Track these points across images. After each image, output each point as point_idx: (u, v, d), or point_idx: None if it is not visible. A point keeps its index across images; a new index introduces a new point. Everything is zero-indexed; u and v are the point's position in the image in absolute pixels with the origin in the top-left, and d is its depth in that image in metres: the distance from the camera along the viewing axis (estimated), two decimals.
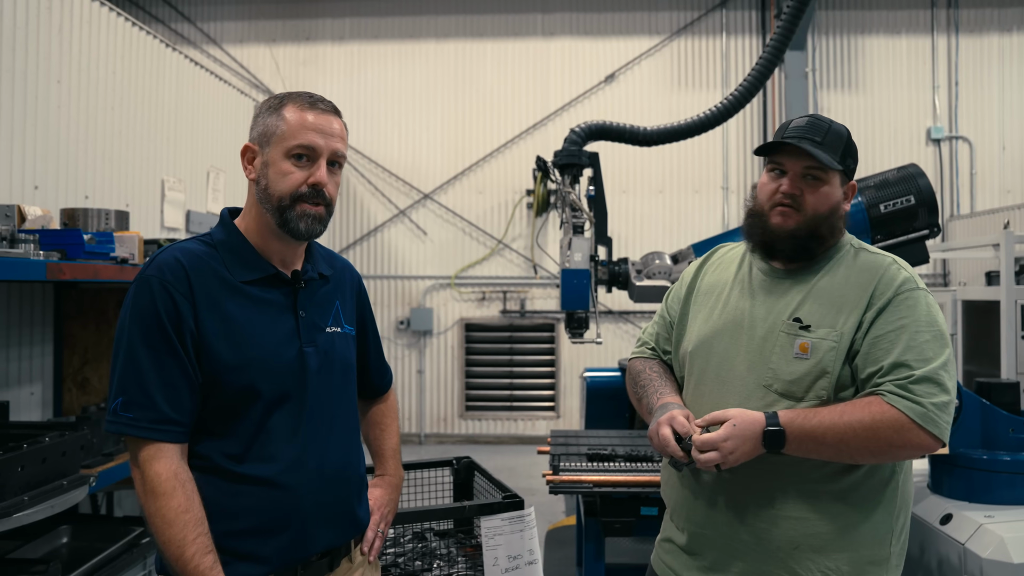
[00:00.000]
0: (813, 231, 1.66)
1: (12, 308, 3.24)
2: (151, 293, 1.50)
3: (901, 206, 3.12)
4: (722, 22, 8.49)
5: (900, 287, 1.61)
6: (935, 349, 1.56)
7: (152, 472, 1.45)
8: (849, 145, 1.71)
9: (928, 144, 8.32)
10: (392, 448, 1.98)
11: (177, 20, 8.74)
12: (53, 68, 3.51)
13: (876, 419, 1.51)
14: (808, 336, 1.61)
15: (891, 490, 1.63)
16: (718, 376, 1.71)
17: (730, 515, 1.66)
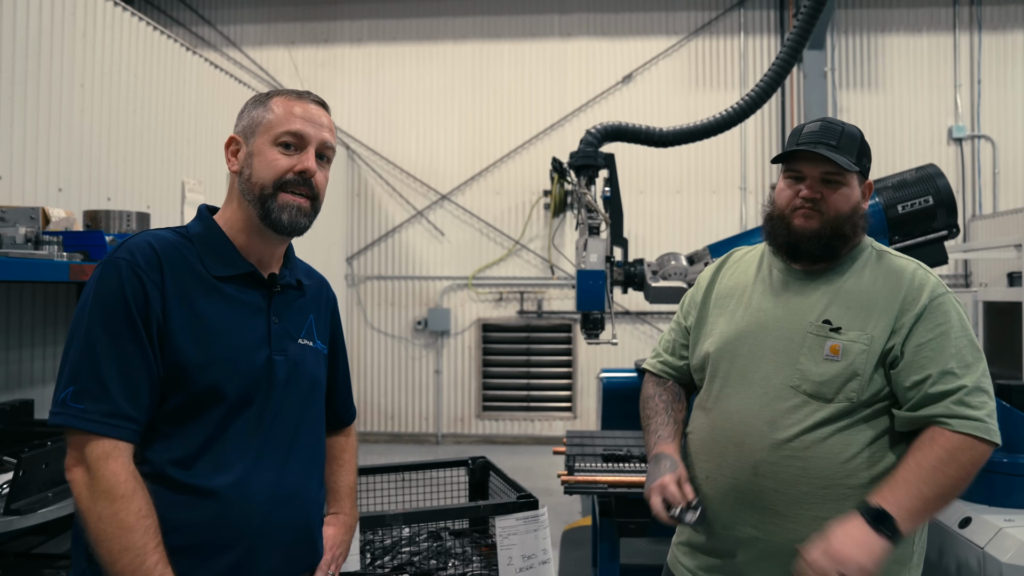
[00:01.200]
0: (837, 231, 1.68)
1: (36, 308, 3.30)
2: (119, 276, 1.38)
3: (919, 207, 3.10)
4: (740, 22, 8.45)
5: (933, 293, 1.63)
6: (974, 354, 1.61)
7: (108, 471, 1.31)
8: (863, 145, 1.73)
9: (950, 143, 8.24)
10: (348, 486, 1.80)
11: (198, 23, 8.84)
12: (77, 72, 3.57)
13: (950, 450, 1.54)
14: (839, 338, 1.62)
15: None
16: (743, 378, 1.71)
17: (758, 516, 1.66)
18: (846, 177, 1.69)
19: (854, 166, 1.68)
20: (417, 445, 8.35)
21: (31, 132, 3.26)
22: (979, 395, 1.57)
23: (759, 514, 1.65)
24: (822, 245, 1.69)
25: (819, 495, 1.60)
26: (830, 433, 1.60)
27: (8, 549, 2.53)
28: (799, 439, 1.61)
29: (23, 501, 2.08)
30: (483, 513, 2.53)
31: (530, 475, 6.10)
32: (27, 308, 3.25)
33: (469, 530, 2.68)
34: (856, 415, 1.61)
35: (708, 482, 1.74)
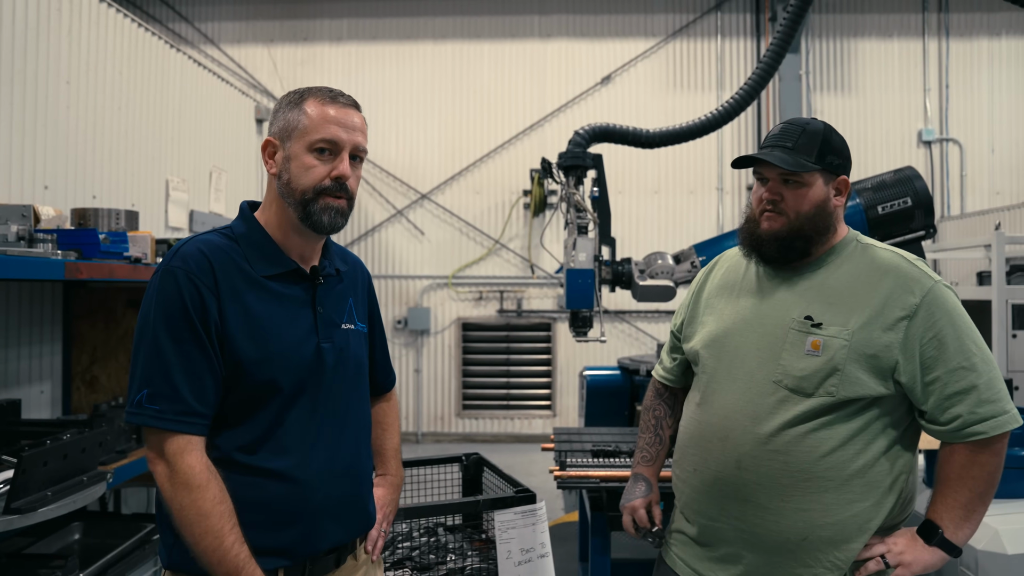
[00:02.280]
0: (797, 231, 1.71)
1: (23, 307, 3.27)
2: (177, 284, 1.49)
3: (898, 208, 3.19)
4: (717, 25, 8.56)
5: (923, 288, 1.64)
6: (975, 340, 1.64)
7: (185, 465, 1.44)
8: (827, 142, 1.73)
9: (919, 146, 8.43)
10: (394, 448, 1.96)
11: (175, 20, 8.75)
12: (63, 69, 3.54)
13: (969, 456, 1.62)
14: (820, 334, 1.65)
15: (898, 482, 1.68)
16: (729, 373, 1.75)
17: (740, 508, 1.70)
18: (804, 177, 1.70)
19: (810, 164, 1.70)
20: None
21: (17, 129, 3.23)
22: (992, 387, 1.61)
23: (742, 506, 1.69)
24: (782, 247, 1.72)
25: (800, 488, 1.64)
26: (812, 428, 1.63)
27: (0, 550, 2.52)
28: (780, 434, 1.65)
29: (23, 500, 2.07)
30: (482, 508, 2.56)
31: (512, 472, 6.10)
32: (14, 307, 3.22)
33: (463, 525, 2.71)
34: (839, 411, 1.63)
35: (695, 475, 1.78)
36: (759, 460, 1.66)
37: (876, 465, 1.65)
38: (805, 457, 1.63)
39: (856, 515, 1.64)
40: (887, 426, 1.66)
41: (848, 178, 1.76)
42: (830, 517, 1.63)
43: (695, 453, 1.79)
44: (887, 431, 1.66)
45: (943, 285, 1.66)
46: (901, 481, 1.68)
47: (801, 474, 1.63)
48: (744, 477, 1.68)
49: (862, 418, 1.64)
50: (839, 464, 1.63)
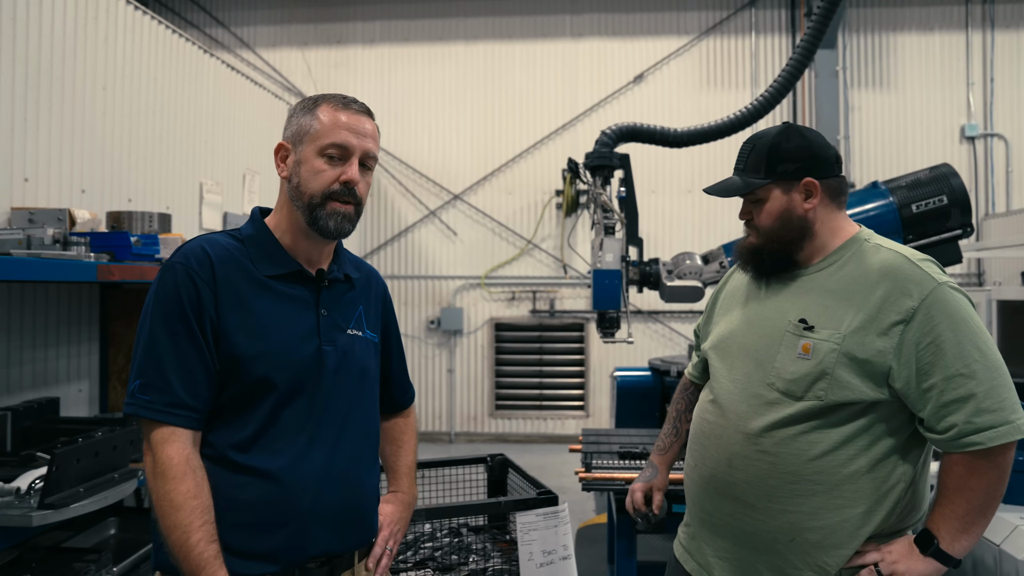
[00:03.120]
0: (769, 244, 1.74)
1: (61, 308, 3.36)
2: (175, 279, 1.51)
3: (933, 206, 3.11)
4: (751, 21, 8.45)
5: (923, 291, 1.57)
6: (979, 346, 1.55)
7: (164, 455, 1.44)
8: (775, 151, 1.73)
9: (962, 142, 8.22)
10: (407, 465, 1.92)
11: (212, 25, 8.91)
12: (99, 75, 3.62)
13: (967, 466, 1.55)
14: (811, 337, 1.62)
15: (895, 491, 1.63)
16: (730, 373, 1.77)
17: (732, 505, 1.71)
18: (758, 193, 1.74)
19: (757, 181, 1.73)
20: (430, 443, 8.39)
21: (55, 135, 3.31)
22: (993, 396, 1.53)
23: (733, 504, 1.70)
24: (762, 259, 1.75)
25: (787, 490, 1.63)
26: (802, 431, 1.62)
27: (38, 543, 2.59)
28: (769, 434, 1.64)
29: (56, 496, 2.13)
30: (504, 509, 2.56)
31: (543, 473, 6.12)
32: (52, 308, 3.31)
33: (488, 526, 2.71)
34: (831, 415, 1.60)
35: (694, 470, 1.81)
36: (749, 459, 1.67)
37: (870, 472, 1.61)
38: (793, 459, 1.62)
39: (845, 520, 1.61)
40: (885, 433, 1.61)
41: (815, 179, 1.71)
42: (818, 521, 1.62)
43: (696, 450, 1.82)
44: (885, 438, 1.61)
45: (949, 287, 1.59)
46: (899, 490, 1.62)
47: (789, 476, 1.62)
48: (735, 475, 1.69)
49: (856, 423, 1.60)
50: (828, 468, 1.60)
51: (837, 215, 1.74)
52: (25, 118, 3.12)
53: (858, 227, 1.76)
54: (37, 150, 3.19)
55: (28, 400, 3.06)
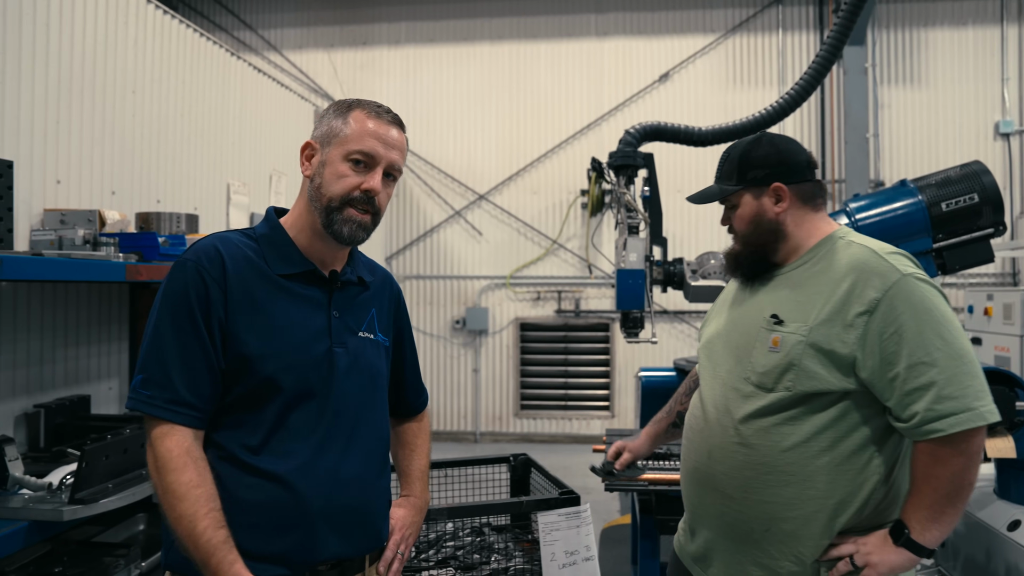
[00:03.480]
0: (747, 247, 1.84)
1: (92, 307, 3.42)
2: (184, 276, 1.51)
3: (964, 204, 3.05)
4: (778, 18, 8.36)
5: (886, 283, 1.61)
6: (942, 335, 1.58)
7: (163, 448, 1.43)
8: (746, 158, 1.84)
9: (997, 139, 8.05)
10: (420, 470, 1.91)
11: (240, 28, 9.02)
12: (129, 79, 3.68)
13: (931, 454, 1.58)
14: (780, 330, 1.69)
15: (870, 482, 1.65)
16: (714, 371, 1.85)
17: (713, 496, 1.79)
18: (732, 199, 1.86)
19: (729, 188, 1.85)
20: (455, 443, 8.42)
21: (87, 138, 3.38)
22: (955, 383, 1.55)
23: (714, 495, 1.77)
24: (742, 263, 1.85)
25: (762, 481, 1.68)
26: (776, 423, 1.67)
27: (70, 538, 2.64)
28: (745, 426, 1.71)
29: (86, 491, 2.17)
30: (525, 509, 2.56)
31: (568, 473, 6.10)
32: (83, 307, 3.37)
33: (511, 526, 2.72)
34: (803, 405, 1.65)
35: (684, 464, 1.91)
36: (726, 451, 1.74)
37: (844, 463, 1.64)
38: (767, 451, 1.68)
39: (819, 511, 1.65)
40: (858, 424, 1.64)
41: (783, 184, 1.79)
42: (792, 511, 1.66)
43: (686, 444, 1.91)
44: (858, 429, 1.65)
45: (914, 278, 1.62)
46: (873, 482, 1.65)
47: (763, 467, 1.68)
48: (714, 467, 1.76)
49: (827, 414, 1.64)
50: (801, 459, 1.65)
51: (812, 216, 1.81)
52: (57, 121, 3.18)
53: (836, 227, 1.83)
54: (69, 153, 3.25)
55: (60, 397, 3.13)
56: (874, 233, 3.11)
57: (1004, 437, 2.91)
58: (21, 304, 3.01)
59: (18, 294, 2.98)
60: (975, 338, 6.58)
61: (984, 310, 6.49)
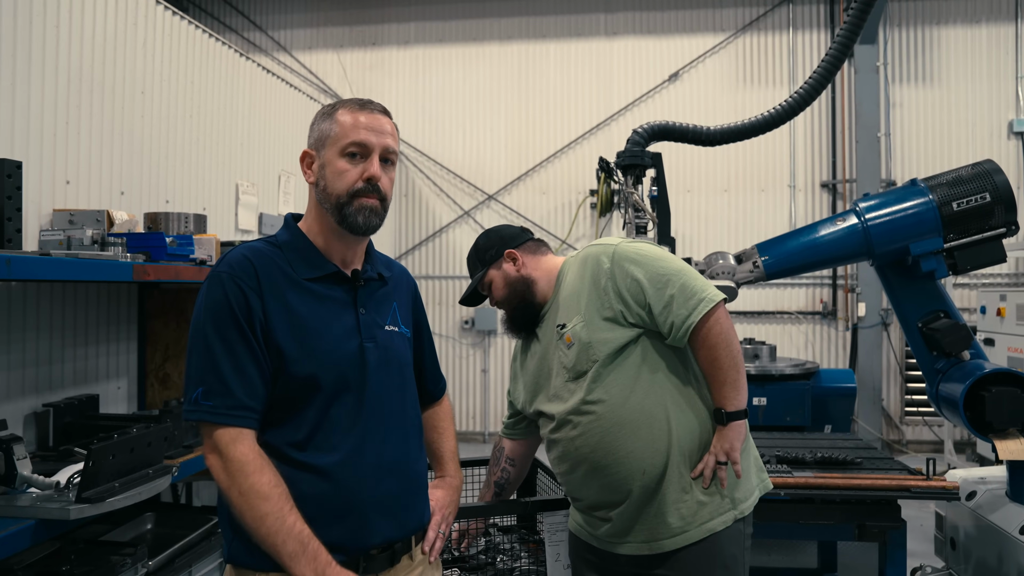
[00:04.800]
0: (515, 306, 2.23)
1: (101, 307, 3.44)
2: (223, 288, 1.58)
3: (975, 203, 3.02)
4: (789, 17, 8.32)
5: (606, 254, 2.08)
6: (664, 266, 2.04)
7: (237, 453, 1.51)
8: (478, 250, 2.29)
9: (1011, 137, 7.98)
10: (450, 450, 2.02)
11: (249, 29, 9.06)
12: (138, 80, 3.70)
13: (706, 341, 2.00)
14: (567, 330, 2.10)
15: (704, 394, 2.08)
16: (546, 392, 2.19)
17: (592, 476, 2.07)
18: (488, 275, 2.25)
19: (478, 272, 2.26)
20: (464, 443, 8.42)
21: (96, 138, 3.39)
22: (687, 288, 2.00)
23: (593, 474, 2.06)
24: (518, 318, 2.23)
25: (620, 437, 2.00)
26: (601, 390, 2.02)
27: (78, 536, 2.65)
28: (584, 407, 2.04)
29: (93, 491, 2.17)
30: (531, 510, 2.56)
31: None
32: (92, 307, 3.39)
33: (517, 526, 2.71)
34: (610, 364, 2.03)
35: (562, 470, 2.17)
36: (584, 434, 2.04)
37: (670, 392, 2.03)
38: (609, 413, 2.02)
39: (681, 436, 2.02)
40: (657, 357, 2.05)
41: (512, 249, 2.23)
42: (654, 446, 2.00)
43: (555, 455, 2.17)
44: (659, 362, 2.05)
45: (624, 243, 2.11)
46: (706, 392, 2.07)
47: (615, 427, 2.01)
48: (583, 452, 2.05)
49: (631, 361, 2.04)
50: (636, 404, 2.01)
51: (544, 260, 2.27)
52: (67, 122, 3.20)
53: (561, 259, 2.27)
54: (78, 153, 3.27)
55: (69, 397, 3.14)
56: (884, 232, 3.11)
57: (1016, 440, 2.89)
58: (30, 304, 3.02)
59: (27, 294, 3.00)
60: (987, 339, 6.52)
61: (997, 311, 6.43)
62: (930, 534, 3.79)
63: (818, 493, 2.80)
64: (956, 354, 3.11)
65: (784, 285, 8.18)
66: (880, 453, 3.34)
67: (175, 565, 2.75)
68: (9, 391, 2.90)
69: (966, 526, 3.32)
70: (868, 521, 2.81)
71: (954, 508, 3.43)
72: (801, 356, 8.02)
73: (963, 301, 7.78)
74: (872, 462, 3.10)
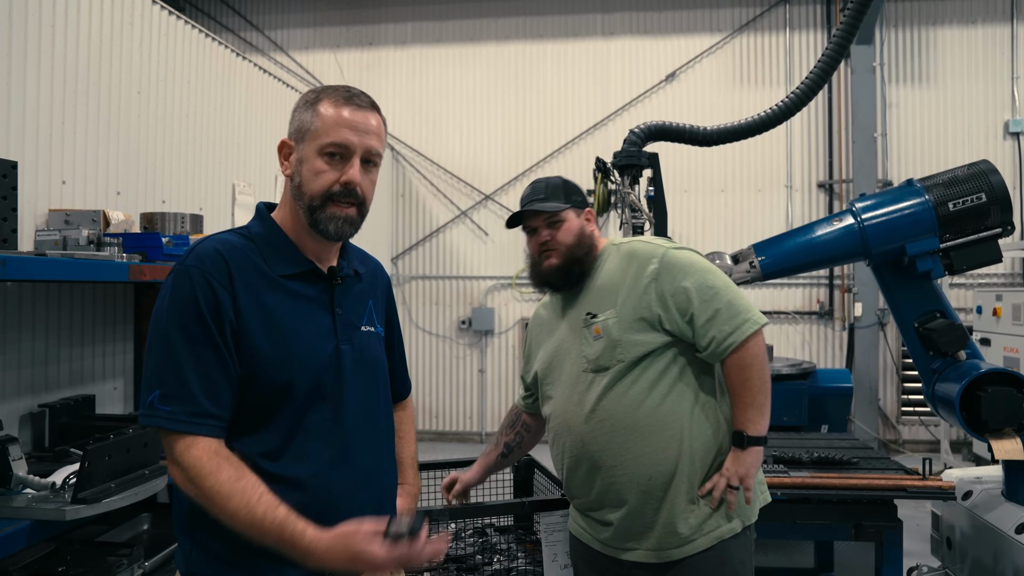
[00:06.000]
0: (572, 258, 2.12)
1: (97, 308, 3.43)
2: (190, 283, 1.44)
3: (971, 204, 3.02)
4: (786, 17, 8.33)
5: (653, 255, 2.04)
6: (711, 276, 2.02)
7: (192, 458, 1.39)
8: (567, 187, 2.19)
9: (1006, 138, 8.00)
10: (410, 457, 1.90)
11: (246, 29, 9.05)
12: (134, 80, 3.69)
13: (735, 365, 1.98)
14: (597, 321, 2.06)
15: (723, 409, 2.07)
16: (558, 380, 2.16)
17: (596, 475, 2.05)
18: (561, 215, 2.12)
19: (563, 204, 2.13)
20: (461, 443, 8.42)
21: (92, 138, 3.38)
22: (733, 306, 1.98)
23: (597, 474, 2.04)
24: (563, 274, 2.12)
25: (630, 441, 1.99)
26: (620, 391, 2.00)
27: (74, 537, 2.64)
28: (599, 405, 2.02)
29: (88, 491, 2.17)
30: (528, 510, 2.56)
31: None
32: (88, 307, 3.38)
33: (514, 527, 2.71)
34: (635, 369, 2.00)
35: (563, 464, 2.15)
36: (594, 432, 2.03)
37: (687, 401, 2.01)
38: (623, 415, 2.00)
39: (694, 448, 1.99)
40: (681, 368, 2.03)
41: (592, 209, 2.22)
42: (663, 454, 1.98)
43: (558, 448, 2.15)
44: (683, 372, 2.03)
45: (673, 249, 2.07)
46: (726, 409, 2.05)
47: (626, 430, 1.99)
48: (590, 450, 2.04)
49: (656, 367, 2.01)
50: (652, 410, 1.99)
51: (598, 236, 2.23)
52: (63, 122, 3.19)
53: (605, 240, 2.23)
54: (74, 153, 3.26)
55: (65, 397, 3.13)
56: (880, 233, 3.12)
57: (1012, 439, 2.89)
58: (26, 304, 3.01)
59: (23, 294, 2.99)
60: (983, 339, 6.54)
61: (993, 311, 6.44)
62: (926, 534, 3.79)
63: (815, 493, 2.80)
64: (952, 354, 3.11)
65: (781, 285, 8.19)
66: (876, 453, 3.35)
67: (171, 566, 2.74)
68: (5, 392, 2.89)
69: (962, 526, 3.33)
70: (864, 521, 2.82)
71: (950, 508, 3.43)
72: (798, 356, 8.03)
73: (959, 301, 7.79)
74: (868, 462, 3.10)
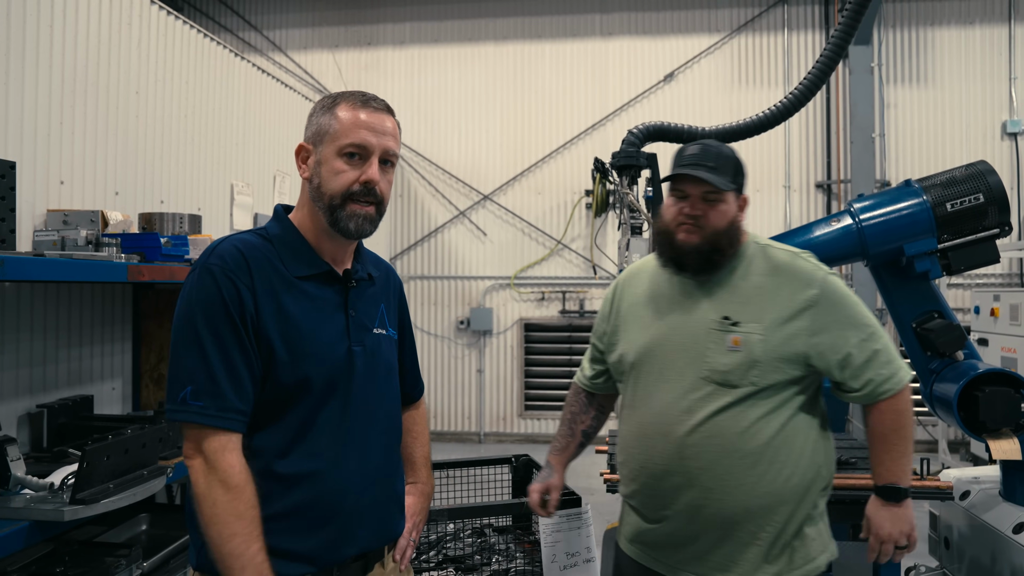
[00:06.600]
0: (715, 245, 1.87)
1: (95, 308, 3.43)
2: (215, 282, 1.49)
3: (969, 204, 3.02)
4: (784, 18, 8.34)
5: (817, 278, 1.87)
6: (867, 316, 1.89)
7: (226, 463, 1.43)
8: (738, 165, 1.94)
9: (1004, 138, 8.01)
10: (423, 456, 1.96)
11: (245, 29, 9.04)
12: (132, 80, 3.69)
13: (888, 412, 1.88)
14: (738, 331, 1.83)
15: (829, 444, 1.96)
16: (661, 375, 1.91)
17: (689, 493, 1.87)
18: (723, 195, 1.88)
19: (731, 185, 1.88)
20: (459, 444, 8.42)
21: (90, 139, 3.38)
22: (888, 350, 1.88)
23: (690, 491, 1.84)
24: (702, 259, 1.87)
25: (736, 466, 1.81)
26: (739, 412, 1.82)
27: (72, 537, 2.64)
28: (712, 421, 1.82)
29: (87, 492, 2.16)
30: (526, 510, 2.55)
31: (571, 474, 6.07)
32: (87, 307, 3.38)
33: (512, 527, 2.71)
34: (760, 393, 1.82)
35: (643, 471, 1.93)
36: (698, 447, 1.82)
37: (801, 434, 1.86)
38: (735, 438, 1.81)
39: (797, 486, 1.83)
40: (804, 400, 1.88)
41: (746, 196, 1.99)
42: (764, 487, 1.81)
43: (640, 451, 1.93)
44: (804, 404, 1.88)
45: (831, 275, 1.91)
46: (821, 442, 1.91)
47: (735, 453, 1.81)
48: (688, 464, 1.83)
49: (779, 396, 1.84)
50: (768, 439, 1.81)
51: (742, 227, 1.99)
52: (61, 122, 3.19)
53: (744, 236, 1.97)
54: (72, 153, 3.26)
55: (63, 398, 3.13)
56: (878, 233, 3.12)
57: (1009, 439, 2.89)
58: (24, 305, 3.01)
59: (21, 295, 2.99)
60: (981, 339, 6.55)
61: (990, 311, 6.45)
62: (924, 534, 3.80)
63: None
64: (950, 354, 3.11)
65: None
66: None
67: (170, 566, 2.74)
68: (3, 392, 2.89)
69: (960, 526, 3.33)
70: (863, 521, 2.82)
71: (948, 508, 3.44)
72: None
73: (957, 301, 7.80)
74: (867, 462, 3.09)
